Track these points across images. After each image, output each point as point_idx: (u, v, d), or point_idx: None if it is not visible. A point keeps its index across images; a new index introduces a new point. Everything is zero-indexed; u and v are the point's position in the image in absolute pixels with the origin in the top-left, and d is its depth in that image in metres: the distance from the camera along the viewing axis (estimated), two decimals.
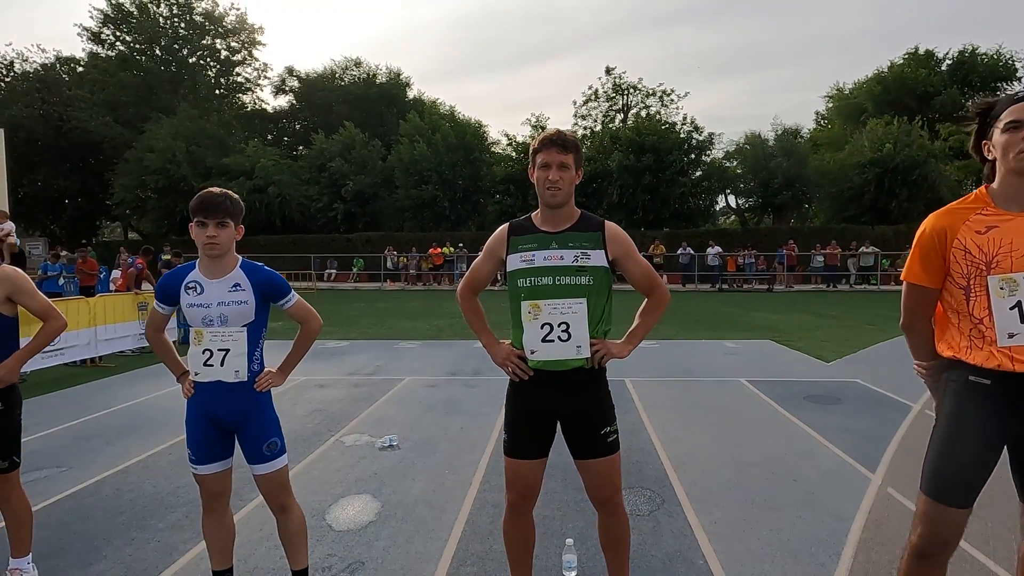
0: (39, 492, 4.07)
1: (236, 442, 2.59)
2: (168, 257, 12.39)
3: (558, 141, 2.33)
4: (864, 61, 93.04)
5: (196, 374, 2.51)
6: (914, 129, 28.04)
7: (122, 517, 3.73)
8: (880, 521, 3.52)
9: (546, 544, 3.25)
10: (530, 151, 2.41)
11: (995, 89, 36.19)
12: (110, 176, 34.67)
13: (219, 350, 2.48)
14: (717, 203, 34.13)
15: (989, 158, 2.01)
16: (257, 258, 2.79)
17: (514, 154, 32.14)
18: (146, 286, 10.63)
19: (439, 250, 26.30)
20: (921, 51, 36.11)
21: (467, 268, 23.74)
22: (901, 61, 36.22)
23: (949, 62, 36.07)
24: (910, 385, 6.94)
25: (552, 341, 2.32)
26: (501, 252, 2.47)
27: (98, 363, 9.08)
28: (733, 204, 36.51)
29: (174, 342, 10.39)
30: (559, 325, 2.31)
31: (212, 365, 2.48)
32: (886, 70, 36.21)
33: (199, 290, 2.49)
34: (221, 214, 2.44)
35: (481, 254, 2.57)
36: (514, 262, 2.40)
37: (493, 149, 33.85)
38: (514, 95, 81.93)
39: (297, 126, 44.48)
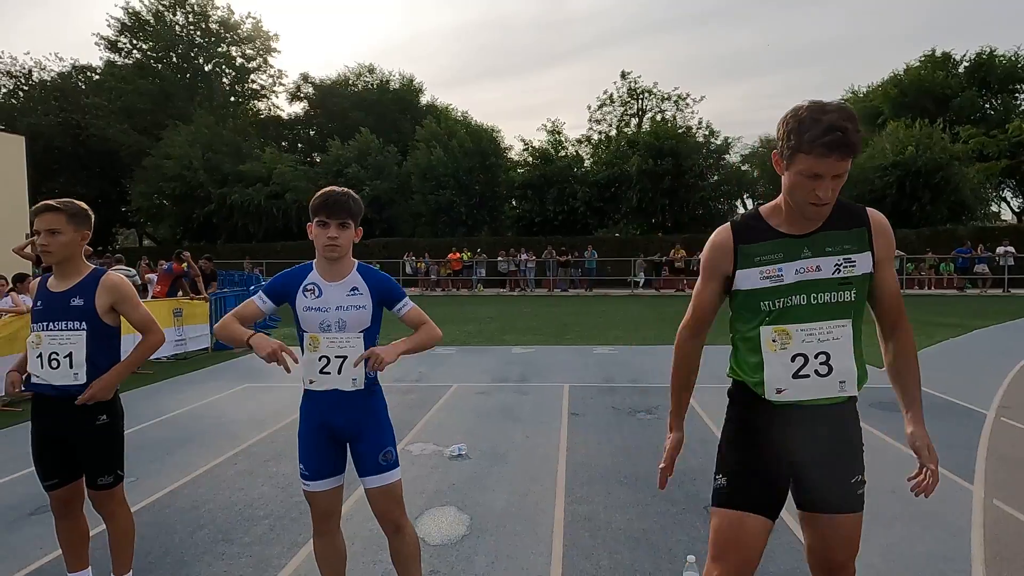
0: None
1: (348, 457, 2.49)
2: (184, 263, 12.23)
3: (841, 146, 1.63)
4: (875, 64, 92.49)
5: (311, 382, 2.39)
6: (936, 131, 27.77)
7: (205, 530, 3.62)
8: (998, 537, 3.36)
9: (656, 559, 3.12)
10: (786, 135, 1.70)
11: (1014, 91, 35.93)
12: (127, 183, 34.92)
13: (336, 357, 2.35)
14: (736, 207, 33.93)
15: None
16: (275, 265, 2.68)
17: (531, 159, 32.07)
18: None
19: (458, 255, 26.20)
20: (938, 53, 35.82)
21: (485, 273, 22.95)
22: (917, 63, 35.93)
23: (966, 64, 35.69)
24: (973, 390, 6.77)
25: (807, 376, 1.80)
26: (727, 266, 1.86)
27: (136, 370, 9.02)
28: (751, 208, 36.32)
29: (188, 353, 10.55)
30: (816, 356, 1.79)
31: (329, 373, 2.36)
32: (902, 72, 35.97)
33: (317, 292, 2.38)
34: (344, 214, 2.33)
35: (700, 275, 1.95)
36: (751, 279, 1.82)
37: (507, 154, 33.78)
38: (522, 100, 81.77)
39: (312, 132, 44.55)
